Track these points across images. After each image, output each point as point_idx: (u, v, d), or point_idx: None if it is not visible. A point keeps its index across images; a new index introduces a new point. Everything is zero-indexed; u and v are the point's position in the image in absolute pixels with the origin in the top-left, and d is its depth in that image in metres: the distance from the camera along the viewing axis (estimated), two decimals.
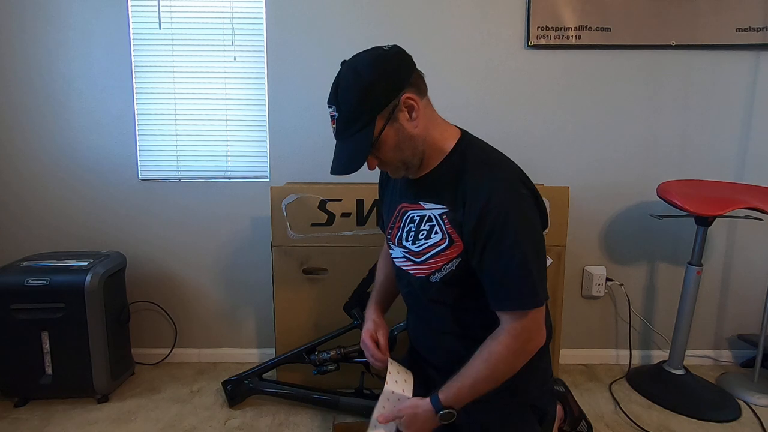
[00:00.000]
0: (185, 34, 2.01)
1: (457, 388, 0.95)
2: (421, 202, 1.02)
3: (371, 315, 1.19)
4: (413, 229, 1.02)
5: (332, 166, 0.98)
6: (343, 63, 1.02)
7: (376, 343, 1.13)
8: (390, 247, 1.13)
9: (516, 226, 0.90)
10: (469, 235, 0.93)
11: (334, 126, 0.97)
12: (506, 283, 0.91)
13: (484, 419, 1.03)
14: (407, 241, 1.04)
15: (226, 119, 2.07)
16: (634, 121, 2.07)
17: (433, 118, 1.02)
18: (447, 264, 0.97)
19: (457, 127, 1.07)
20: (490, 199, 0.91)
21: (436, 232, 0.98)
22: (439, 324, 1.08)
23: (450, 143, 1.02)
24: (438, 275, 0.99)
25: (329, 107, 0.99)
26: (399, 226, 1.08)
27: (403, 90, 0.96)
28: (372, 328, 1.15)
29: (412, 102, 0.97)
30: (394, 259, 1.12)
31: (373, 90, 0.94)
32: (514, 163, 1.02)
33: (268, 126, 2.06)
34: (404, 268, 1.08)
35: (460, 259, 0.96)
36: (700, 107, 2.06)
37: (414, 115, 0.97)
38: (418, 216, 1.02)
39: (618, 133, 2.08)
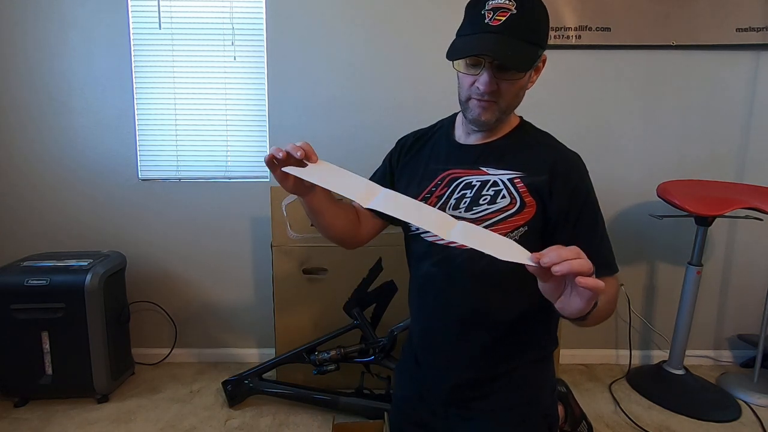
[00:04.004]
0: (185, 34, 2.01)
1: None
2: (483, 168, 0.98)
3: None
4: (469, 195, 0.97)
5: (479, 48, 0.87)
6: None
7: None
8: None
9: (596, 200, 0.97)
10: (561, 207, 0.93)
11: (504, 18, 0.86)
12: (601, 252, 0.94)
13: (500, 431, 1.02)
14: (457, 209, 0.98)
15: (226, 119, 2.07)
16: (634, 121, 2.07)
17: None
18: (511, 232, 0.93)
19: None
20: (579, 175, 0.96)
21: (504, 197, 0.94)
22: (469, 311, 1.00)
23: (515, 120, 1.04)
24: None
25: None
26: (441, 195, 1.00)
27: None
28: None
29: (542, 66, 0.97)
30: (423, 235, 1.03)
31: (548, 26, 0.94)
32: None
33: (268, 126, 2.06)
34: (441, 242, 0.99)
35: (526, 228, 0.93)
36: (700, 107, 2.05)
37: (535, 77, 0.97)
38: (477, 182, 0.97)
39: (618, 133, 2.08)
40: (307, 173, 0.85)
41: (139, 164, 2.08)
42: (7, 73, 2.00)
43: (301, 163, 0.85)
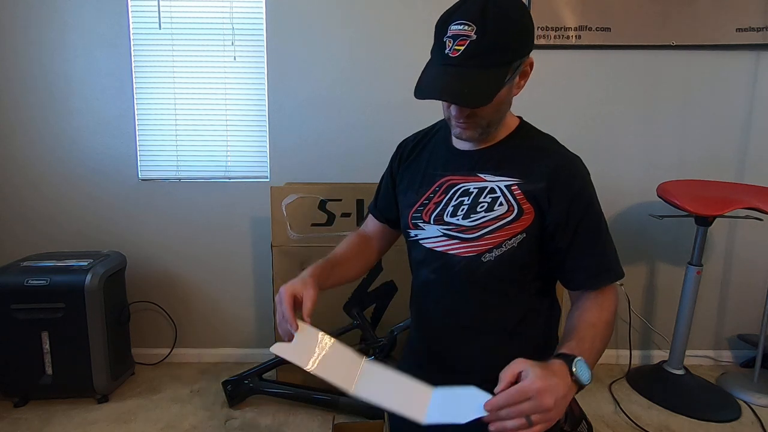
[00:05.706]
0: (185, 34, 2.01)
1: (582, 349, 0.83)
2: (480, 175, 0.97)
3: (305, 274, 0.99)
4: (467, 202, 0.96)
5: (438, 89, 0.84)
6: None
7: (295, 307, 0.93)
8: (415, 227, 1.03)
9: (598, 206, 0.94)
10: (561, 214, 0.91)
11: (462, 47, 0.82)
12: (605, 257, 0.93)
13: None
14: (455, 216, 0.97)
15: (226, 119, 2.07)
16: (634, 121, 2.07)
17: None
18: (509, 239, 0.92)
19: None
20: (581, 181, 0.93)
21: (501, 204, 0.93)
22: (469, 317, 1.00)
23: (514, 122, 1.01)
24: (495, 252, 0.93)
25: (462, 24, 0.82)
26: (439, 202, 0.99)
27: (531, 51, 0.90)
28: (298, 285, 0.94)
29: (530, 69, 0.92)
30: (422, 241, 1.02)
31: (526, 33, 0.87)
32: None
33: (268, 126, 2.06)
34: (440, 249, 0.99)
35: (524, 235, 0.92)
36: (700, 107, 2.05)
37: (523, 82, 0.93)
38: (475, 188, 0.96)
39: (618, 134, 2.07)
40: (291, 354, 0.89)
41: (139, 164, 2.08)
42: (7, 73, 2.00)
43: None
